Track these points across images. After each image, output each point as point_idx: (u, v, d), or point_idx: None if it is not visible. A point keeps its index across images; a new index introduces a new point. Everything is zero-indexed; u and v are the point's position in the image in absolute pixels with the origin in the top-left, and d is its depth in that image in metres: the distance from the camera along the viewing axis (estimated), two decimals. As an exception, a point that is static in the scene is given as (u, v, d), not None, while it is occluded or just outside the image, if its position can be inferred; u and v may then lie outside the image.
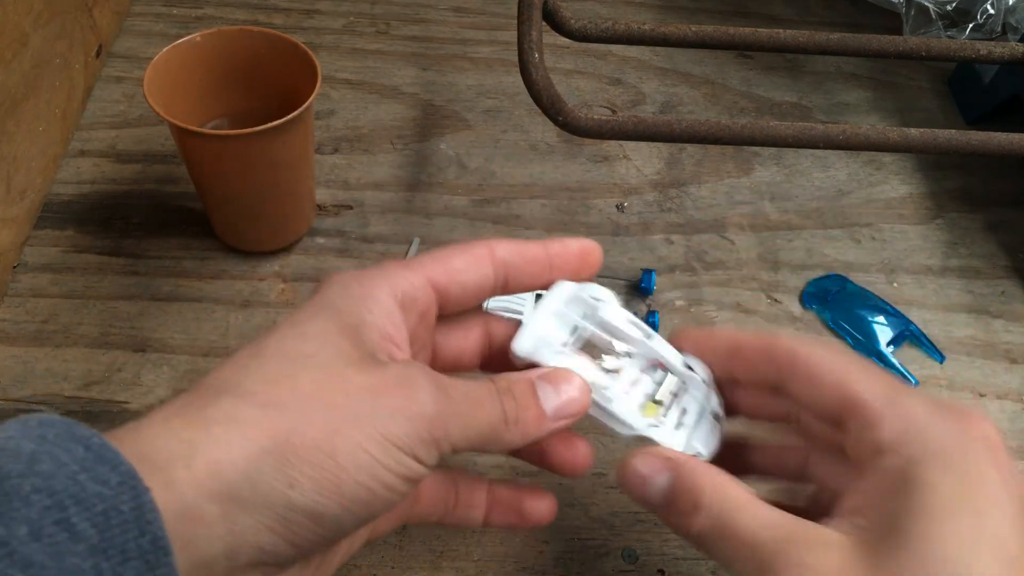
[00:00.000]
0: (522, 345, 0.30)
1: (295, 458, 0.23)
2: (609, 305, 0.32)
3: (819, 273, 0.51)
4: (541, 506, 0.32)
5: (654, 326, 0.46)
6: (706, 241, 0.52)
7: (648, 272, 0.48)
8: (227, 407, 0.23)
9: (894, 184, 0.57)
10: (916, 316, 0.49)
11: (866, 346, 0.47)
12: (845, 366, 0.28)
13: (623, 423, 0.30)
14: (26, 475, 0.20)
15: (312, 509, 0.23)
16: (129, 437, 0.22)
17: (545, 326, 0.31)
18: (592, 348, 0.32)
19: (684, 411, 0.32)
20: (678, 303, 0.49)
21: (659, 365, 0.32)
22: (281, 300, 0.46)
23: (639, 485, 0.29)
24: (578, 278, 0.32)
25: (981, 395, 0.46)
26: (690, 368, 0.32)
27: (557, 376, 0.29)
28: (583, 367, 0.30)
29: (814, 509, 0.28)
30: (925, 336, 0.48)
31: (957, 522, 0.23)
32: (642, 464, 0.29)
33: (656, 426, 0.31)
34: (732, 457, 0.32)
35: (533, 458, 0.32)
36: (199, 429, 0.23)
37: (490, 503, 0.32)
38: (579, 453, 0.31)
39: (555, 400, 0.28)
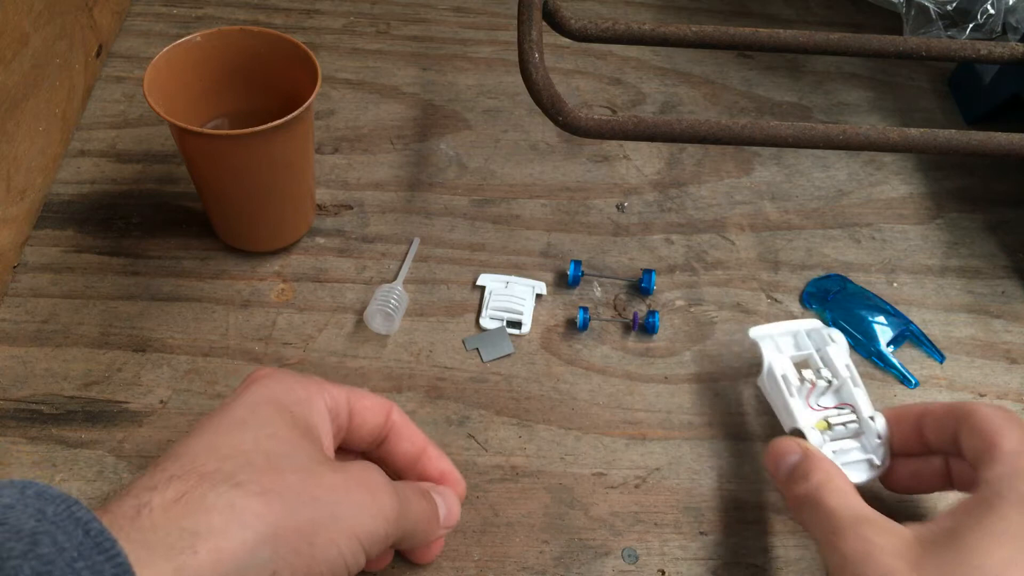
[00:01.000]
0: (755, 332, 0.42)
1: (282, 545, 0.25)
2: (838, 346, 0.41)
3: (819, 273, 0.51)
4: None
5: (653, 326, 0.46)
6: (706, 241, 0.52)
7: (648, 272, 0.48)
8: (226, 497, 0.25)
9: (894, 184, 0.57)
10: (916, 316, 0.49)
11: (866, 346, 0.47)
12: (1004, 417, 0.33)
13: (790, 414, 0.39)
14: (27, 557, 0.20)
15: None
16: (128, 524, 0.23)
17: (783, 331, 0.42)
18: (805, 365, 0.41)
19: (847, 450, 0.38)
20: (678, 303, 0.49)
21: (850, 407, 0.39)
22: (281, 300, 0.46)
23: (776, 459, 0.36)
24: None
25: (981, 395, 0.46)
26: (872, 419, 0.38)
27: (443, 491, 0.35)
28: (787, 363, 0.41)
29: None
30: (925, 336, 0.48)
31: (1007, 547, 0.28)
32: (784, 445, 0.36)
33: (812, 430, 0.38)
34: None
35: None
36: (200, 517, 0.24)
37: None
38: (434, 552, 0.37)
39: (444, 509, 0.35)
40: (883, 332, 0.47)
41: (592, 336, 0.47)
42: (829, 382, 0.40)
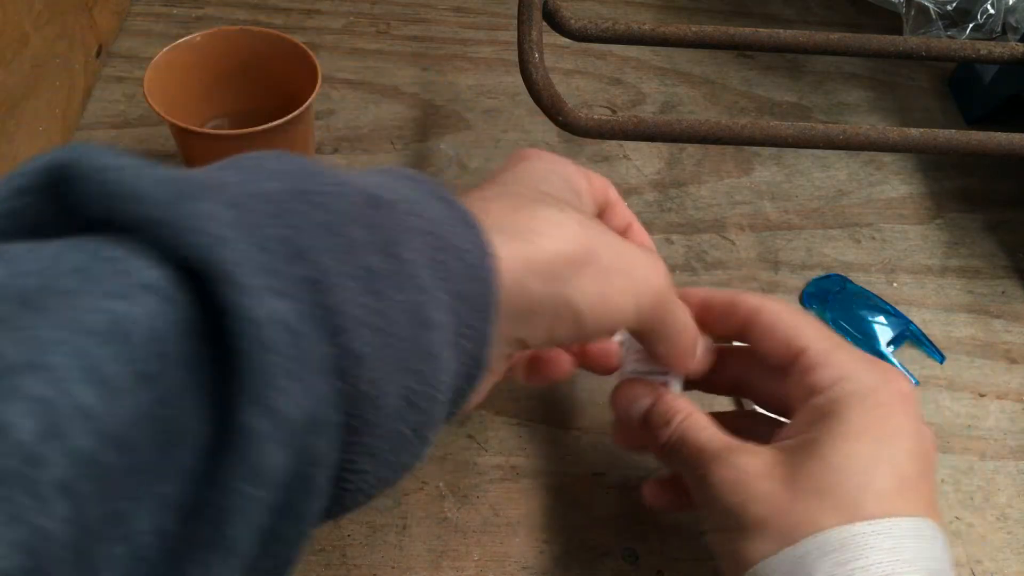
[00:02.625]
0: None
1: (590, 272, 0.27)
2: None
3: (819, 273, 0.51)
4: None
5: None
6: (706, 241, 0.52)
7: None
8: (555, 213, 0.27)
9: (894, 184, 0.57)
10: (916, 316, 0.49)
11: (866, 345, 0.47)
12: (797, 320, 0.32)
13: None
14: (416, 215, 0.23)
15: (579, 314, 0.27)
16: (479, 211, 0.26)
17: None
18: None
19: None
20: (678, 303, 0.49)
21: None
22: (281, 300, 0.46)
23: (625, 405, 0.35)
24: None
25: (981, 395, 0.46)
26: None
27: (707, 341, 0.35)
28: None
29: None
30: (925, 336, 0.48)
31: (862, 444, 0.29)
32: (633, 390, 0.35)
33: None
34: None
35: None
36: (539, 223, 0.27)
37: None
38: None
39: (702, 357, 0.35)
40: (883, 332, 0.47)
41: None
42: None
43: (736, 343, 0.36)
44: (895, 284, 0.51)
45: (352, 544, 0.38)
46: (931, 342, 0.48)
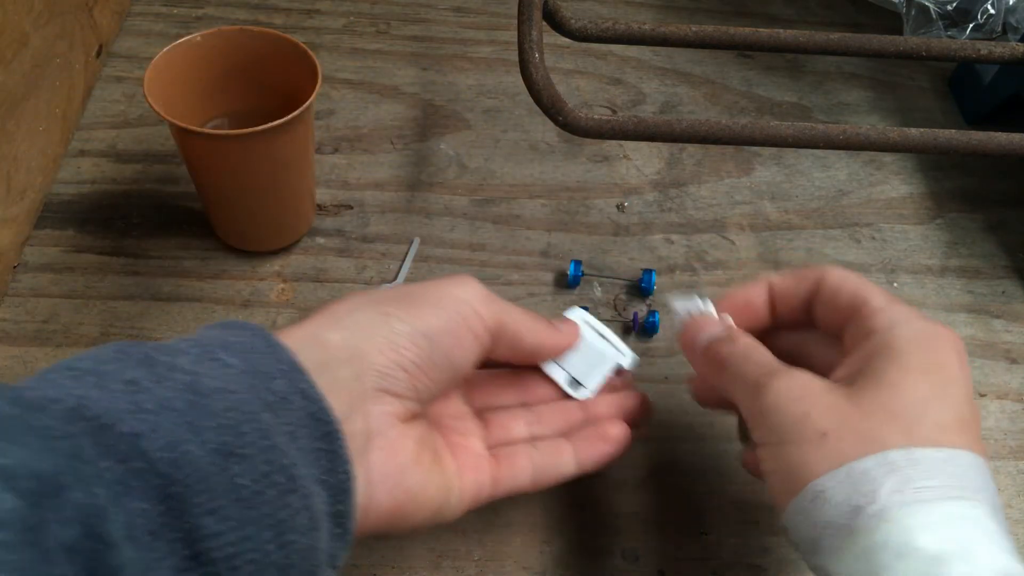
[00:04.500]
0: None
1: (389, 307, 0.30)
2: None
3: (819, 273, 0.51)
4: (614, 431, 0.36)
5: (654, 326, 0.46)
6: (706, 241, 0.52)
7: (648, 272, 0.48)
8: (338, 318, 0.30)
9: (894, 184, 0.57)
10: (916, 316, 0.49)
11: None
12: (860, 279, 0.33)
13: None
14: (179, 338, 0.26)
15: (412, 331, 0.29)
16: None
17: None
18: None
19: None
20: (678, 303, 0.49)
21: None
22: (281, 300, 0.46)
23: (693, 337, 0.35)
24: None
25: (981, 395, 0.46)
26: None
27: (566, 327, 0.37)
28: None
29: None
30: None
31: (923, 380, 0.29)
32: (706, 321, 0.36)
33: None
34: None
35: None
36: (319, 317, 0.29)
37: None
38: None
39: (561, 335, 0.36)
40: None
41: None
42: None
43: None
44: (895, 284, 0.51)
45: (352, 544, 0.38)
46: None
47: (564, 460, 0.34)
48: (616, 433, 0.35)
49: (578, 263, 0.48)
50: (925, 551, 0.25)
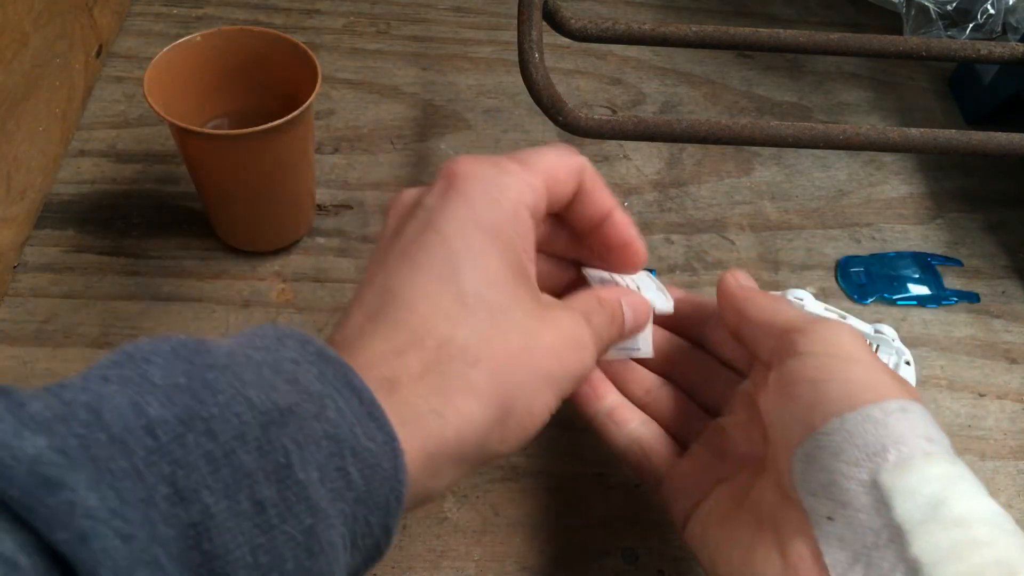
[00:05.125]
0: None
1: (510, 424, 0.27)
2: (809, 300, 0.46)
3: (819, 273, 0.51)
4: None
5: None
6: (706, 241, 0.52)
7: (648, 272, 0.48)
8: (464, 376, 0.26)
9: (894, 184, 0.57)
10: (916, 316, 0.49)
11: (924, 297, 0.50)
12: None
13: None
14: (319, 418, 0.22)
15: (504, 455, 0.28)
16: (386, 392, 0.25)
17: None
18: None
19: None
20: (678, 303, 0.49)
21: None
22: (281, 300, 0.46)
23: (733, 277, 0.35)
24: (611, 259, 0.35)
25: (981, 395, 0.46)
26: (880, 332, 0.45)
27: (633, 298, 0.34)
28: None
29: None
30: (941, 257, 0.52)
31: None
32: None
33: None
34: None
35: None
36: (446, 399, 0.25)
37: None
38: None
39: (631, 321, 0.34)
40: (912, 277, 0.51)
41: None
42: None
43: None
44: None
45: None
46: (945, 257, 0.52)
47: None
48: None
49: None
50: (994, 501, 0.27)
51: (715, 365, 0.37)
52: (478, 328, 0.27)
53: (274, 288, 0.47)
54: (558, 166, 0.31)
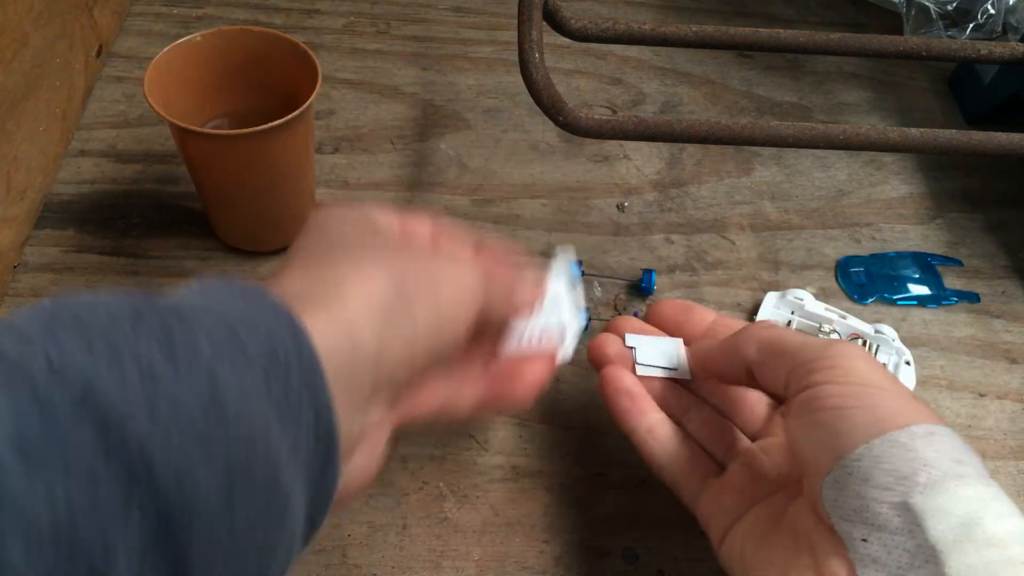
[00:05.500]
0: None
1: (413, 286, 0.27)
2: (809, 300, 0.47)
3: (820, 273, 0.51)
4: (518, 389, 0.34)
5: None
6: (706, 241, 0.52)
7: (648, 272, 0.48)
8: (352, 261, 0.27)
9: (894, 184, 0.57)
10: (916, 316, 0.49)
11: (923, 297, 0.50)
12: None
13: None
14: (198, 307, 0.22)
15: (428, 341, 0.27)
16: (275, 284, 0.26)
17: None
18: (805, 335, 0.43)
19: (884, 364, 0.42)
20: (678, 303, 0.49)
21: (857, 336, 0.46)
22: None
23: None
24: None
25: (981, 395, 0.46)
26: (880, 332, 0.46)
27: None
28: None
29: None
30: (940, 256, 0.52)
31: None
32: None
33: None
34: None
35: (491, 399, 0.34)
36: (340, 281, 0.26)
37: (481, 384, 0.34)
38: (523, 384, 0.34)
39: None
40: (912, 277, 0.51)
41: (592, 336, 0.47)
42: (835, 331, 0.46)
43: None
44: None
45: (352, 544, 0.38)
46: (945, 257, 0.52)
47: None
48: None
49: (578, 263, 0.48)
50: None
51: (752, 389, 0.37)
52: (353, 245, 0.29)
53: (274, 288, 0.47)
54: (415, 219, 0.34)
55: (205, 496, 0.20)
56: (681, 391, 0.38)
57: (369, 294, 0.26)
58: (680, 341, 0.39)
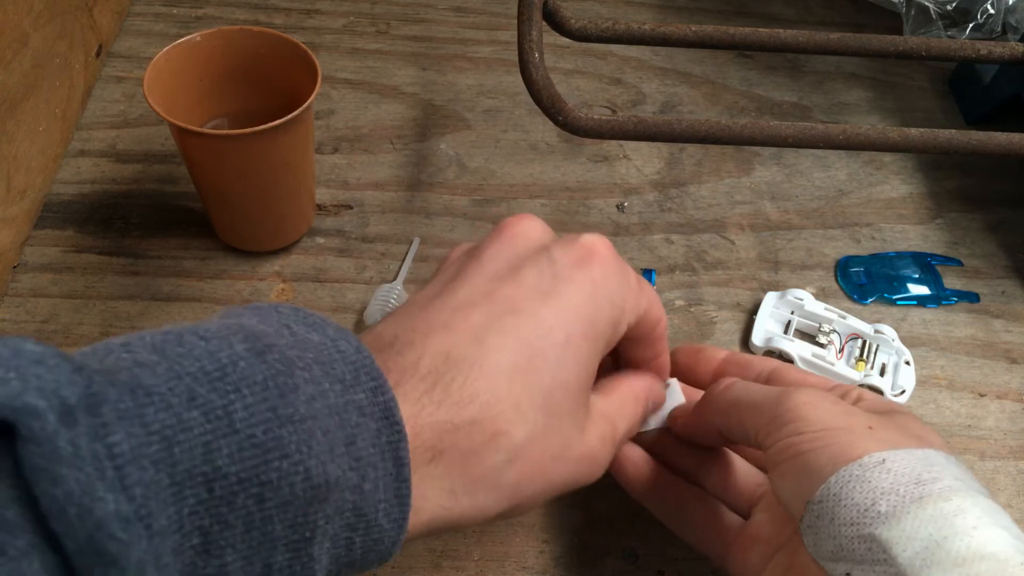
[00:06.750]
0: (757, 339, 0.46)
1: (510, 514, 0.27)
2: (809, 300, 0.47)
3: (820, 273, 0.51)
4: None
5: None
6: (706, 241, 0.52)
7: (648, 272, 0.48)
8: (497, 470, 0.27)
9: (894, 184, 0.57)
10: (916, 316, 0.49)
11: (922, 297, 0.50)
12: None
13: (846, 379, 0.44)
14: (355, 491, 0.23)
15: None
16: (420, 467, 0.25)
17: (767, 324, 0.47)
18: (804, 335, 0.47)
19: (884, 364, 0.45)
20: (678, 303, 0.49)
21: (857, 336, 0.46)
22: (281, 300, 0.46)
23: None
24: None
25: (981, 395, 0.46)
26: (880, 332, 0.46)
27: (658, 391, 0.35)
28: (804, 346, 0.45)
29: None
30: (941, 256, 0.52)
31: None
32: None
33: (868, 375, 0.44)
34: None
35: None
36: (470, 485, 0.26)
37: None
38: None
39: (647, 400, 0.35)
40: (912, 277, 0.51)
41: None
42: (834, 330, 0.46)
43: None
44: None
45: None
46: (945, 256, 0.52)
47: None
48: None
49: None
50: (1011, 528, 0.26)
51: None
52: (532, 430, 0.27)
53: (274, 288, 0.47)
54: (655, 302, 0.32)
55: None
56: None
57: (470, 515, 0.26)
58: (675, 383, 0.37)
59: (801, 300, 0.47)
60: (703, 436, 0.35)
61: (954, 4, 0.57)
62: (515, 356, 0.27)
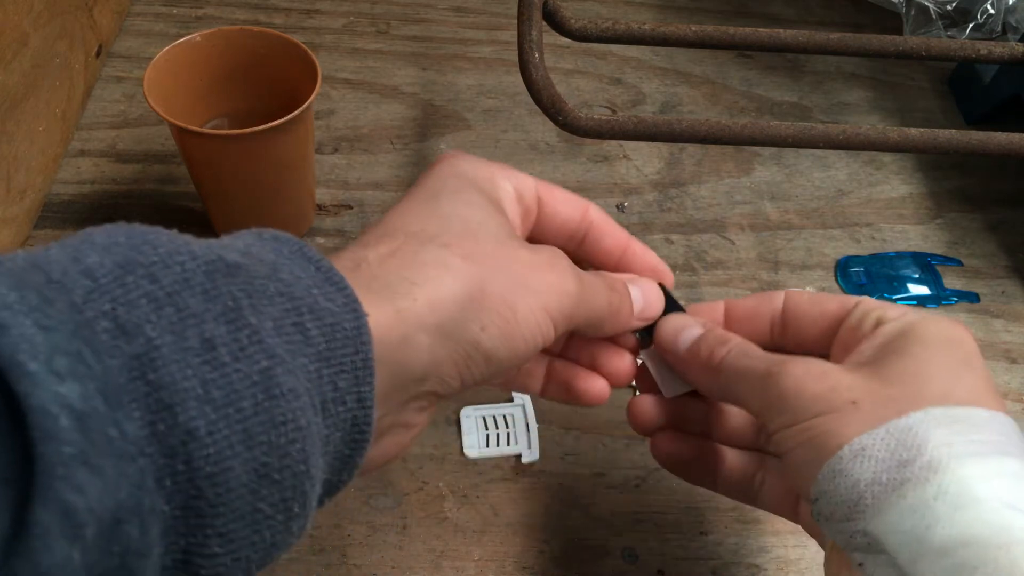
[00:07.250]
0: None
1: (487, 306, 0.26)
2: None
3: (819, 273, 0.51)
4: (591, 386, 0.34)
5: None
6: (706, 241, 0.52)
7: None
8: (436, 254, 0.26)
9: (894, 184, 0.57)
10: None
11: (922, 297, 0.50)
12: (821, 295, 0.33)
13: None
14: (270, 278, 0.22)
15: (490, 352, 0.26)
16: (349, 273, 0.24)
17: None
18: None
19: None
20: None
21: None
22: (281, 300, 0.46)
23: (673, 336, 0.33)
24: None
25: (981, 395, 0.46)
26: None
27: (643, 283, 0.33)
28: None
29: None
30: (941, 257, 0.52)
31: (948, 352, 0.28)
32: (680, 320, 0.33)
33: None
34: None
35: (559, 392, 0.34)
36: (416, 270, 0.26)
37: (547, 376, 0.34)
38: (596, 385, 0.33)
39: (640, 302, 0.33)
40: (912, 277, 0.51)
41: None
42: None
43: None
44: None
45: (352, 544, 0.38)
46: (944, 257, 0.52)
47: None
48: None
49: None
50: (987, 502, 0.24)
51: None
52: (452, 228, 0.28)
53: (274, 288, 0.47)
54: (553, 187, 0.32)
55: (234, 488, 0.20)
56: (721, 406, 0.36)
57: (440, 300, 0.25)
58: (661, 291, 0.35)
59: None
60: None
61: (954, 4, 0.57)
62: (409, 203, 0.29)
